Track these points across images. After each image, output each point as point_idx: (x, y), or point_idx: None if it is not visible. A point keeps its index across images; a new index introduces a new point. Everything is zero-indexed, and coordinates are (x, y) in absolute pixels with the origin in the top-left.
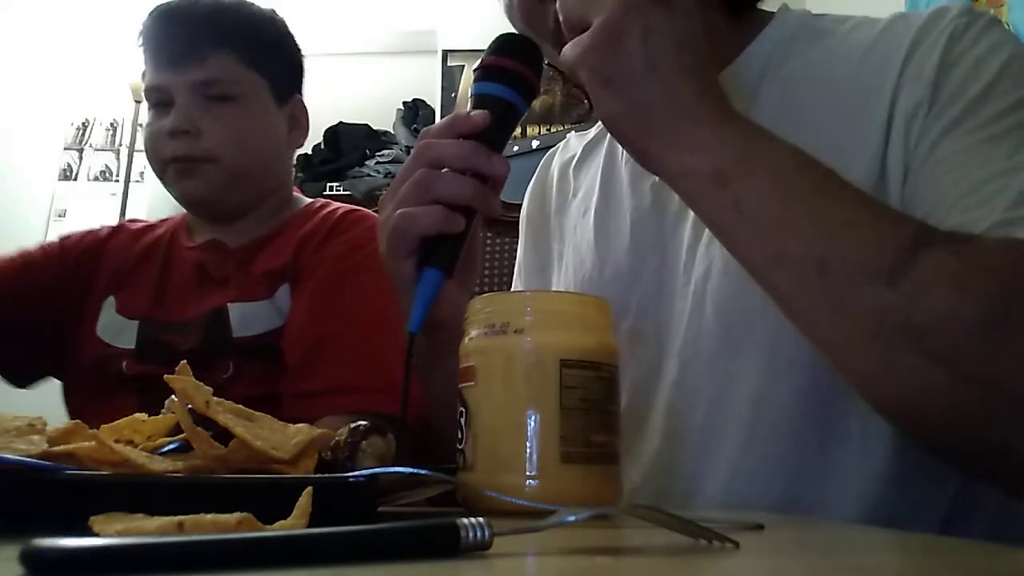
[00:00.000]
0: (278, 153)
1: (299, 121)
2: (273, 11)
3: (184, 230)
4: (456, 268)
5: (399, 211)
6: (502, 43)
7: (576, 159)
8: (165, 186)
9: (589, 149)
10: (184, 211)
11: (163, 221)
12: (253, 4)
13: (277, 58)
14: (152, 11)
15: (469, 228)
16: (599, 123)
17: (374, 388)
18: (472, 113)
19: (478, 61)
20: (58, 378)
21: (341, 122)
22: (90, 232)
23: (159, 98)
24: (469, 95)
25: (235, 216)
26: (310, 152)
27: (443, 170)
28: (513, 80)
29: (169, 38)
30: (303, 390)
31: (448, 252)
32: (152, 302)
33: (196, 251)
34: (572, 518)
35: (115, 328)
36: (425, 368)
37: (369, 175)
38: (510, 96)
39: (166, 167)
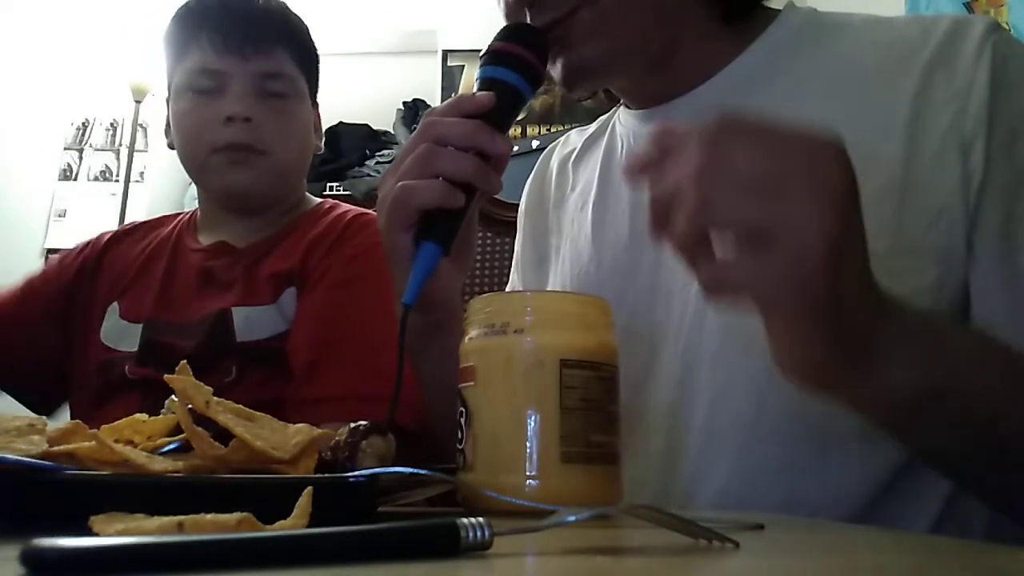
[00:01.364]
0: (311, 154)
1: (317, 126)
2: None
3: (190, 229)
4: (453, 247)
5: (400, 183)
6: (511, 31)
7: (576, 153)
8: (204, 176)
9: (589, 143)
10: (192, 209)
11: (169, 218)
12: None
13: (314, 64)
14: None
15: (469, 206)
16: (600, 119)
17: (382, 397)
18: (478, 94)
19: (486, 47)
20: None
21: (341, 122)
22: (89, 243)
23: (211, 83)
24: (475, 78)
25: (260, 211)
26: None
27: (446, 147)
28: (519, 66)
29: (238, 25)
30: (308, 396)
31: (447, 227)
32: (156, 304)
33: (203, 254)
34: (572, 518)
35: (118, 333)
36: (417, 349)
37: (369, 175)
38: (515, 81)
39: (214, 154)
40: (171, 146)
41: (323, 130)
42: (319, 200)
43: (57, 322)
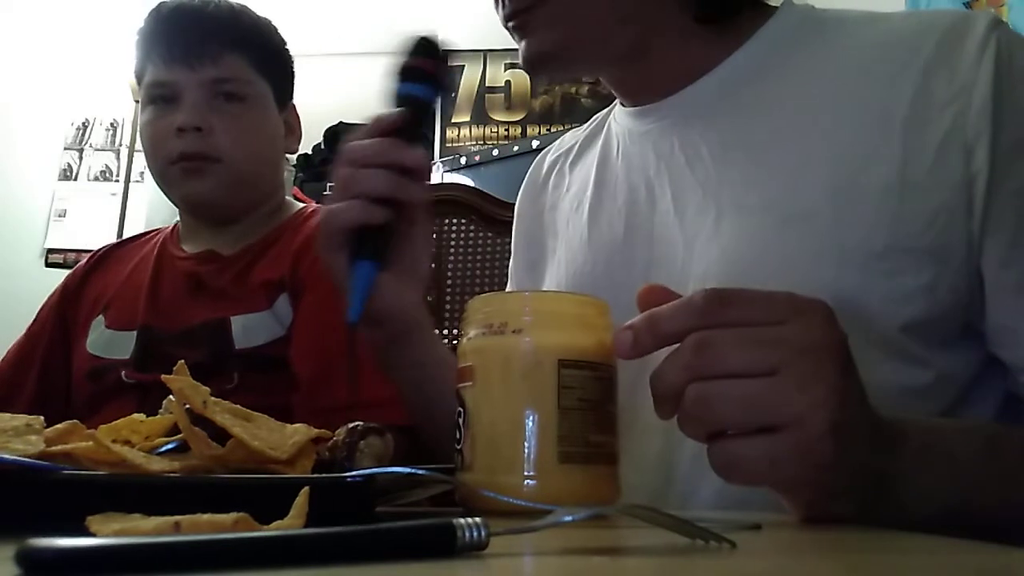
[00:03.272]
0: (278, 157)
1: (293, 128)
2: (270, 21)
3: (174, 240)
4: (394, 259)
5: (324, 208)
6: (413, 46)
7: (573, 153)
8: (166, 187)
9: (586, 144)
10: (174, 221)
11: (150, 235)
12: (255, 12)
13: (279, 65)
14: (159, 8)
15: (400, 220)
16: (595, 117)
17: (392, 399)
18: (389, 111)
19: (397, 64)
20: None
21: (341, 122)
22: (71, 273)
23: (164, 94)
24: (389, 96)
25: (232, 220)
26: (310, 152)
27: (365, 168)
28: (424, 77)
29: (182, 35)
30: (322, 406)
31: (375, 242)
32: (147, 311)
33: (190, 262)
34: (569, 518)
35: (105, 341)
36: (385, 363)
37: None
38: (422, 92)
39: (170, 166)
40: None
41: (300, 129)
42: (301, 205)
43: (58, 352)
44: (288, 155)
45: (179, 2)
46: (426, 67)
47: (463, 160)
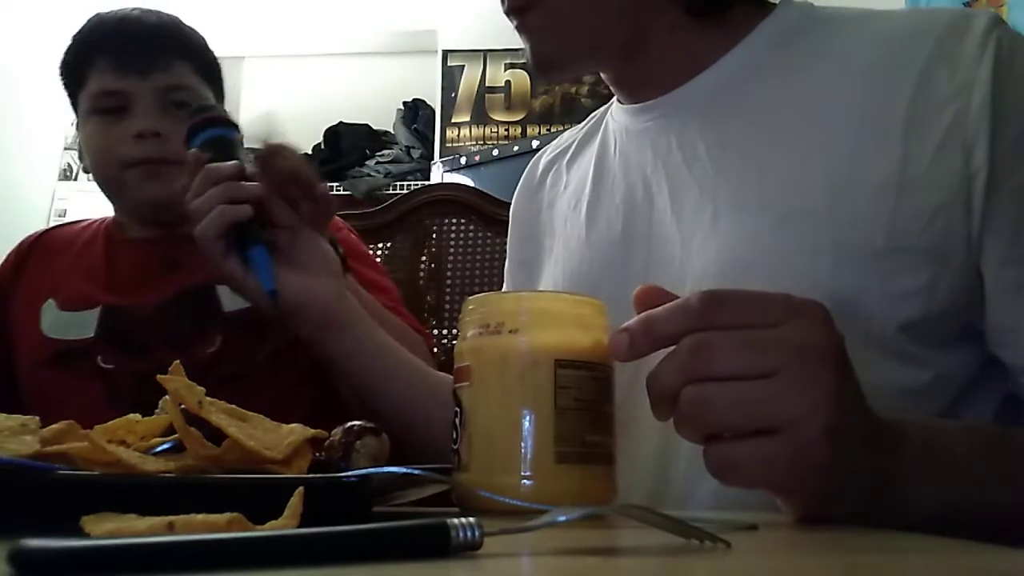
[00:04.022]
0: None
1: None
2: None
3: (117, 229)
4: (287, 256)
5: (195, 234)
6: (198, 109)
7: (570, 152)
8: (118, 191)
9: (584, 142)
10: (109, 215)
11: (84, 223)
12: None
13: (218, 74)
14: (101, 18)
15: (265, 213)
16: (592, 115)
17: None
18: (199, 154)
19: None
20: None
21: (341, 122)
22: (4, 261)
23: (114, 103)
24: (194, 147)
25: (183, 222)
26: (310, 152)
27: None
28: (216, 122)
29: (133, 44)
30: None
31: (249, 231)
32: (106, 290)
33: (148, 244)
34: (563, 518)
35: (64, 323)
36: (325, 362)
37: (369, 175)
38: (217, 132)
39: (125, 170)
40: (86, 170)
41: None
42: None
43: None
44: None
45: (123, 12)
46: (212, 115)
47: (463, 160)
